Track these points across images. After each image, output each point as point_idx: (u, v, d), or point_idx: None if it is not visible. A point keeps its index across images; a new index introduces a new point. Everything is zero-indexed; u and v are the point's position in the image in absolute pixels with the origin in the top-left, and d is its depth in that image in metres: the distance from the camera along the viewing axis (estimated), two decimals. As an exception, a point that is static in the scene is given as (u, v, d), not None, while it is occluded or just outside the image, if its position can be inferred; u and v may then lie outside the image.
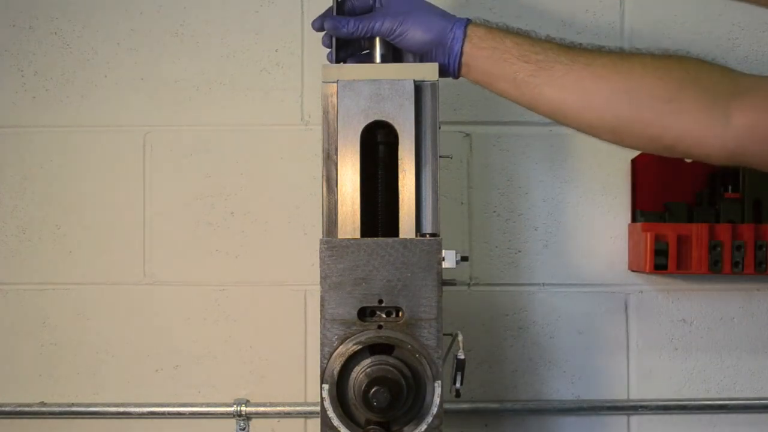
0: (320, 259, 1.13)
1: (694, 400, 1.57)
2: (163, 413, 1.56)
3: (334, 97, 1.17)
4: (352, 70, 1.19)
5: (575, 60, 1.11)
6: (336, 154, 1.17)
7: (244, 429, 1.56)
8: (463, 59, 1.15)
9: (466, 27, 1.15)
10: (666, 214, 1.50)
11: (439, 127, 1.19)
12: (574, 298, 1.57)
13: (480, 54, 1.14)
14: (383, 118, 1.15)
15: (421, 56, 1.18)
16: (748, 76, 1.06)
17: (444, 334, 1.14)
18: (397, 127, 1.15)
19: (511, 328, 1.57)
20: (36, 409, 1.56)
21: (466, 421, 1.57)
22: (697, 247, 1.46)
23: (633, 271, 1.55)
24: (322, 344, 1.13)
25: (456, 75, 1.18)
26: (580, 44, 1.15)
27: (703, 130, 1.04)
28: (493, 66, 1.14)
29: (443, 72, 1.18)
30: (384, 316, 1.13)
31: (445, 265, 1.13)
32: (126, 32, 1.57)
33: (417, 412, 1.11)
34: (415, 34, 1.16)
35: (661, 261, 1.46)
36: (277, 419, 1.57)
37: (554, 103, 1.12)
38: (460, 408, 1.53)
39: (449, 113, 1.54)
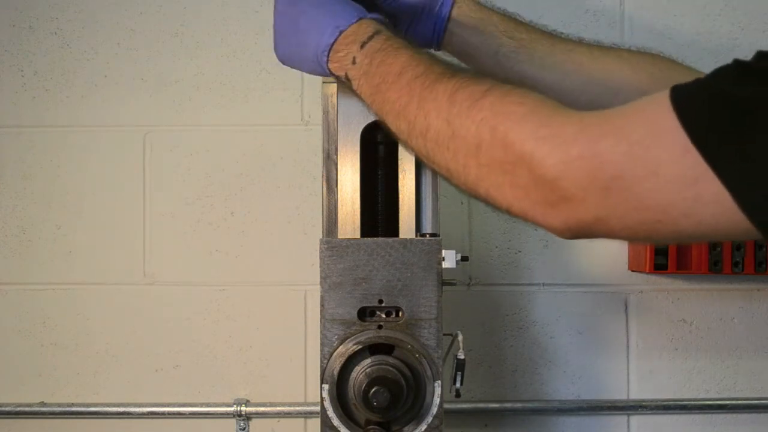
0: (320, 259, 1.13)
1: (694, 400, 1.57)
2: (163, 413, 1.56)
3: (334, 97, 1.17)
4: (352, 70, 1.19)
5: (556, 45, 1.13)
6: (336, 154, 1.17)
7: (244, 429, 1.56)
8: (449, 25, 1.15)
9: None
10: (666, 214, 1.50)
11: (439, 127, 1.18)
12: (574, 298, 1.57)
13: (466, 23, 1.15)
14: (383, 118, 1.15)
15: (409, 21, 1.16)
16: None
17: (444, 334, 1.14)
18: (397, 127, 1.15)
19: (511, 328, 1.57)
20: (36, 409, 1.56)
21: (466, 421, 1.57)
22: (697, 247, 1.46)
23: (633, 271, 1.55)
24: (322, 344, 1.12)
25: (438, 42, 1.17)
26: (561, 33, 1.16)
27: None
28: (477, 37, 1.14)
29: (426, 40, 1.16)
30: (384, 316, 1.13)
31: (445, 265, 1.13)
32: (126, 32, 1.57)
33: (417, 412, 1.11)
34: None
35: (661, 261, 1.46)
36: (277, 419, 1.57)
37: (532, 82, 1.12)
38: (460, 408, 1.53)
39: (449, 113, 1.54)
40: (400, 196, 1.16)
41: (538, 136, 0.79)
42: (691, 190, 0.73)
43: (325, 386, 1.11)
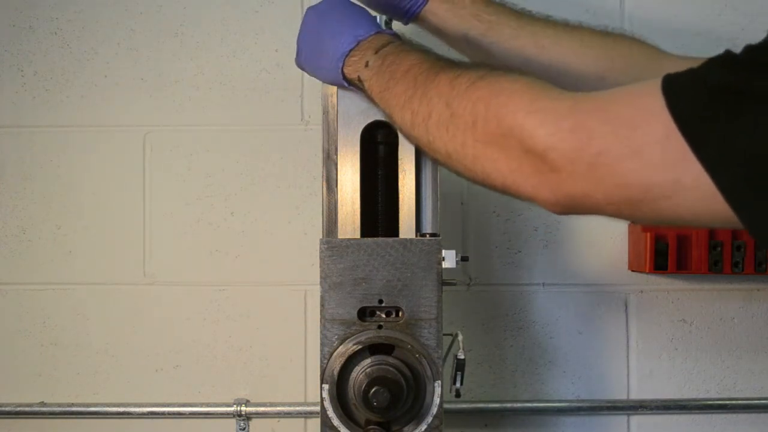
0: (320, 259, 1.13)
1: (694, 400, 1.57)
2: (163, 413, 1.56)
3: (334, 97, 1.17)
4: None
5: (523, 27, 1.14)
6: (336, 154, 1.17)
7: (244, 429, 1.56)
8: (425, 8, 1.16)
9: None
10: (666, 214, 1.50)
11: (439, 127, 1.18)
12: (574, 298, 1.57)
13: (439, 7, 1.16)
14: (383, 118, 1.15)
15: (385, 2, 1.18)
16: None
17: (444, 334, 1.14)
18: (397, 127, 1.15)
19: (511, 328, 1.57)
20: (36, 409, 1.56)
21: (466, 421, 1.57)
22: (697, 247, 1.46)
23: (633, 271, 1.55)
24: (322, 344, 1.13)
25: (407, 22, 1.18)
26: (530, 11, 1.17)
27: None
28: (448, 20, 1.16)
29: (397, 15, 1.17)
30: (384, 316, 1.13)
31: (445, 265, 1.13)
32: (126, 32, 1.57)
33: (417, 412, 1.11)
34: None
35: (661, 261, 1.46)
36: (277, 419, 1.57)
37: (500, 64, 1.14)
38: (460, 408, 1.53)
39: (449, 113, 1.54)
40: (400, 196, 1.16)
41: (530, 110, 0.82)
42: (673, 173, 0.74)
43: (325, 386, 1.11)
